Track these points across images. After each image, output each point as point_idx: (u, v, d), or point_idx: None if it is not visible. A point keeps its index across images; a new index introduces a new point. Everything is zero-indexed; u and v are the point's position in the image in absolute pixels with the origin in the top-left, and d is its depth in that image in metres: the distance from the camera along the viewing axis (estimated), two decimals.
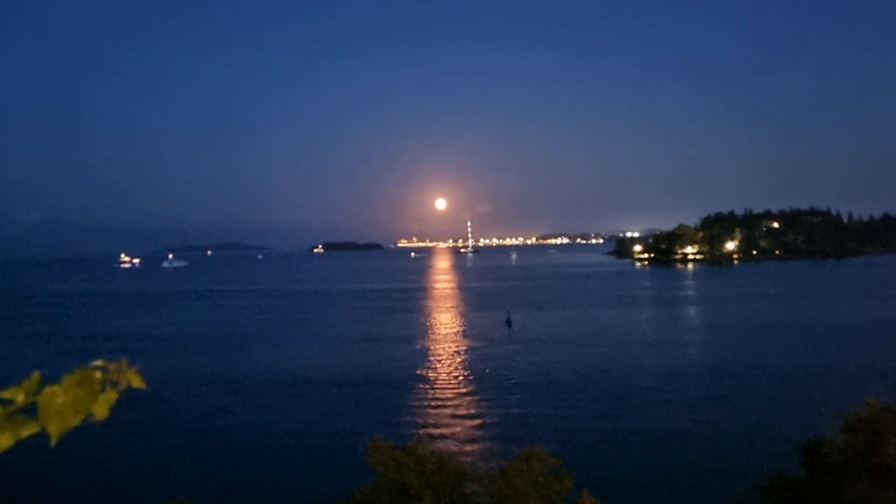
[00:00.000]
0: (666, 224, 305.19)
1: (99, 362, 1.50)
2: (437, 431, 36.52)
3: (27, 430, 1.38)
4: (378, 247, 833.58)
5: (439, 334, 76.81)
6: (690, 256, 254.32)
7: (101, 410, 1.44)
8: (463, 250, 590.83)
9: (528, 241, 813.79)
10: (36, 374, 1.42)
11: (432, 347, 66.88)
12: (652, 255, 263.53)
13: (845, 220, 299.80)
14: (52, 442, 1.39)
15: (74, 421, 1.41)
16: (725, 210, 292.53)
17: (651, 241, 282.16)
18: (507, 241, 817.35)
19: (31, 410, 1.40)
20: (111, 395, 1.46)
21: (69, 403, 1.40)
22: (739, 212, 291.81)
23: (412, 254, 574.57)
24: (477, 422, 39.03)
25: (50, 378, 1.43)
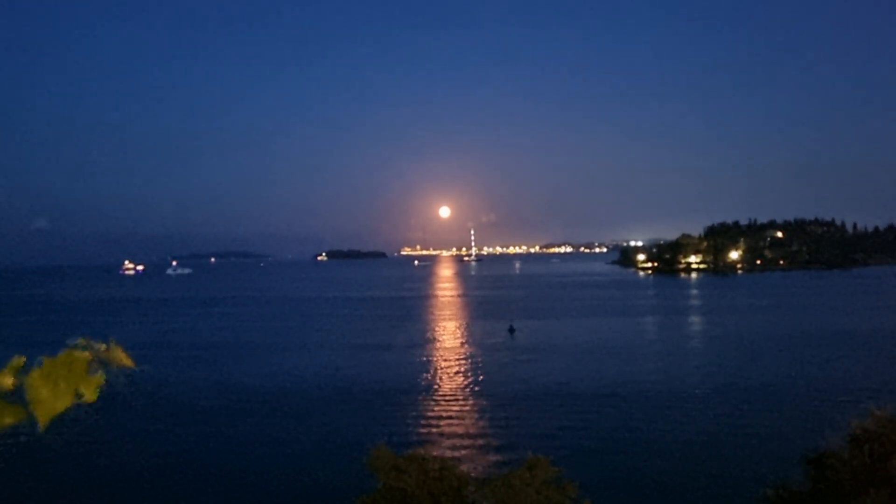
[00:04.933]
0: (670, 233, 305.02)
1: (82, 340, 1.40)
2: (439, 439, 36.39)
3: (13, 417, 1.30)
4: (382, 255, 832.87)
5: (442, 342, 76.71)
6: (694, 266, 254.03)
7: (89, 393, 1.37)
8: (466, 259, 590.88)
9: (532, 250, 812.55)
10: (18, 358, 1.35)
11: (435, 356, 66.78)
12: (655, 264, 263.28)
13: (850, 230, 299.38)
14: (41, 428, 1.31)
15: (62, 405, 1.32)
16: (729, 220, 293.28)
17: (655, 250, 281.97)
18: (511, 250, 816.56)
19: (18, 398, 1.31)
20: (99, 378, 1.38)
21: (56, 387, 1.32)
22: (743, 221, 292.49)
23: (416, 262, 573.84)
24: (479, 430, 38.90)
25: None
